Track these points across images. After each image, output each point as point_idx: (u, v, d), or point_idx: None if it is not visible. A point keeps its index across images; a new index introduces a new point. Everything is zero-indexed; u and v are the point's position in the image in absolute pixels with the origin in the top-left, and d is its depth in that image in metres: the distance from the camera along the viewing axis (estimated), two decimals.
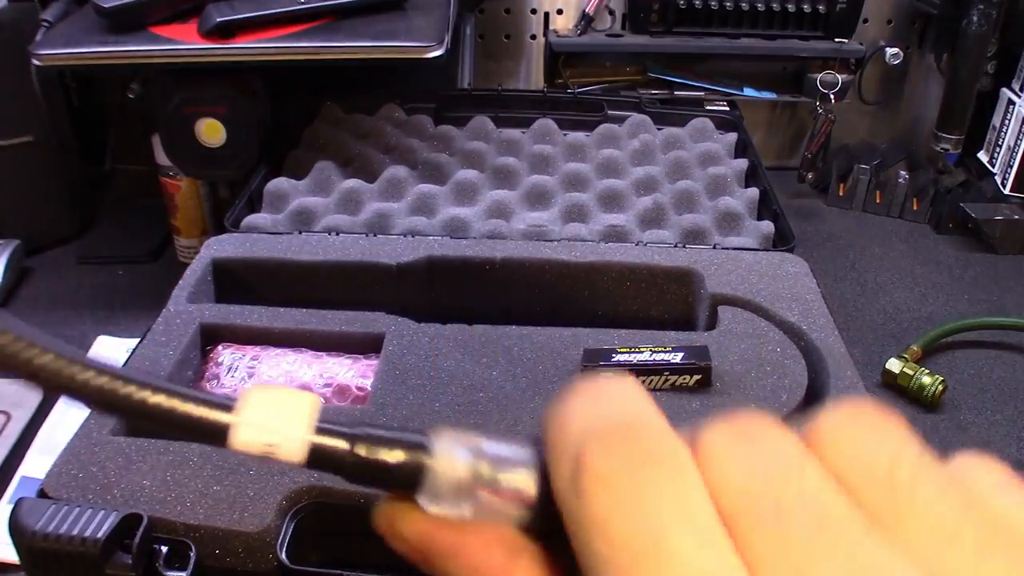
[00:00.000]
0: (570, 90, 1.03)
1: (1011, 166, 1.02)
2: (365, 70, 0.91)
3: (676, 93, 1.07)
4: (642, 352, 0.57)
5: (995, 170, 1.06)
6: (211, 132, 0.81)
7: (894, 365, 0.76)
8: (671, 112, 0.98)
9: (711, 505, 0.16)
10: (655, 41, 1.05)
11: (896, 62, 1.07)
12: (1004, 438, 0.72)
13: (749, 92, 1.09)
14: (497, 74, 1.14)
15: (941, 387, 0.74)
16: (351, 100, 0.97)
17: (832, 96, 1.05)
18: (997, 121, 1.06)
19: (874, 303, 0.90)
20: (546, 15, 1.10)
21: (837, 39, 1.05)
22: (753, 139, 0.93)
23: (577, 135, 0.94)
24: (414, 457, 0.19)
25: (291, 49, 0.76)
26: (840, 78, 1.04)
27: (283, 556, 0.45)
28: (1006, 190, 1.03)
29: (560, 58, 1.07)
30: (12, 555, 0.45)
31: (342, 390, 0.58)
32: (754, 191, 0.83)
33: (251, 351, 0.62)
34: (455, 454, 0.19)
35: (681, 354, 0.56)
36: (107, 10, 0.75)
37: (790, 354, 0.60)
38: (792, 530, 0.15)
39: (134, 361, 0.58)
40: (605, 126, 0.94)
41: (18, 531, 0.44)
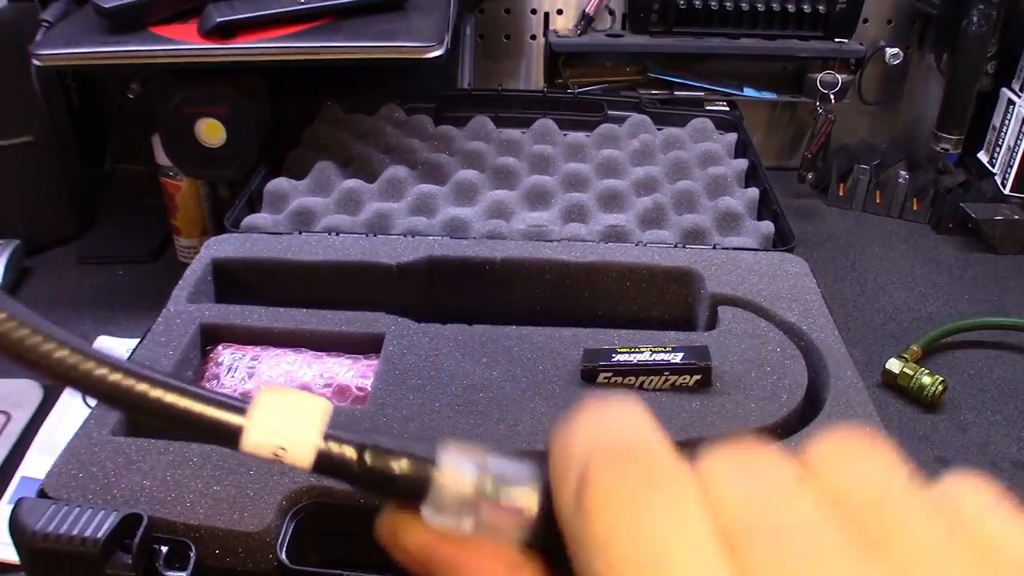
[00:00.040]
0: (570, 90, 1.03)
1: (1011, 166, 1.02)
2: (365, 70, 0.91)
3: (676, 93, 1.07)
4: (642, 352, 0.57)
5: (995, 170, 1.06)
6: (211, 132, 0.81)
7: (894, 365, 0.76)
8: (671, 112, 0.98)
9: (712, 531, 0.16)
10: (655, 41, 1.05)
11: (896, 62, 1.07)
12: (1004, 438, 0.72)
13: (749, 92, 1.09)
14: (497, 74, 1.14)
15: (941, 387, 0.74)
16: (351, 100, 0.97)
17: (832, 96, 1.05)
18: (997, 121, 1.06)
19: (874, 303, 0.90)
20: (546, 15, 1.10)
21: (837, 39, 1.05)
22: (753, 139, 0.93)
23: (577, 135, 0.94)
24: (420, 469, 0.19)
25: (291, 49, 0.76)
26: (840, 78, 1.04)
27: (283, 556, 0.45)
28: (1006, 190, 1.03)
29: (560, 58, 1.07)
30: (12, 555, 0.45)
31: (342, 390, 0.58)
32: (754, 191, 0.83)
33: (251, 351, 0.62)
34: (461, 468, 0.19)
35: (681, 354, 0.56)
36: (107, 10, 0.75)
37: (790, 354, 0.60)
38: (788, 553, 0.16)
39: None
40: (605, 126, 0.94)
41: (18, 531, 0.44)
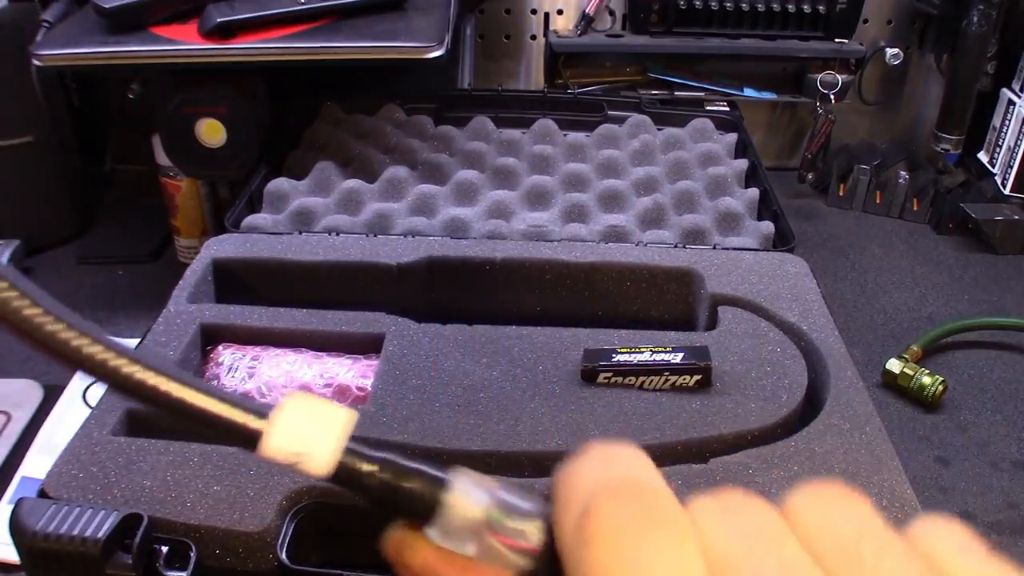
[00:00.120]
0: (570, 90, 1.03)
1: (1011, 166, 1.02)
2: (365, 70, 0.91)
3: (676, 93, 1.07)
4: (642, 352, 0.57)
5: (995, 170, 1.06)
6: (211, 132, 0.81)
7: (894, 365, 0.76)
8: (671, 112, 0.98)
9: (705, 572, 0.17)
10: (655, 41, 1.05)
11: (896, 62, 1.07)
12: (1004, 438, 0.72)
13: (749, 92, 1.09)
14: (497, 74, 1.14)
15: (941, 387, 0.74)
16: (351, 100, 0.97)
17: (832, 96, 1.05)
18: (997, 121, 1.06)
19: (874, 303, 0.90)
20: (546, 15, 1.10)
21: (837, 39, 1.05)
22: (753, 139, 0.93)
23: (577, 135, 0.94)
24: (433, 490, 0.20)
25: (291, 49, 0.76)
26: (840, 78, 1.04)
27: (283, 556, 0.45)
28: (1006, 190, 1.03)
29: (560, 58, 1.07)
30: (12, 555, 0.45)
31: (342, 390, 0.58)
32: (754, 191, 0.83)
33: (251, 351, 0.62)
34: (472, 494, 0.20)
35: (681, 354, 0.56)
36: (107, 10, 0.75)
37: (790, 354, 0.60)
38: None
39: None
40: (605, 126, 0.94)
41: (18, 531, 0.44)
